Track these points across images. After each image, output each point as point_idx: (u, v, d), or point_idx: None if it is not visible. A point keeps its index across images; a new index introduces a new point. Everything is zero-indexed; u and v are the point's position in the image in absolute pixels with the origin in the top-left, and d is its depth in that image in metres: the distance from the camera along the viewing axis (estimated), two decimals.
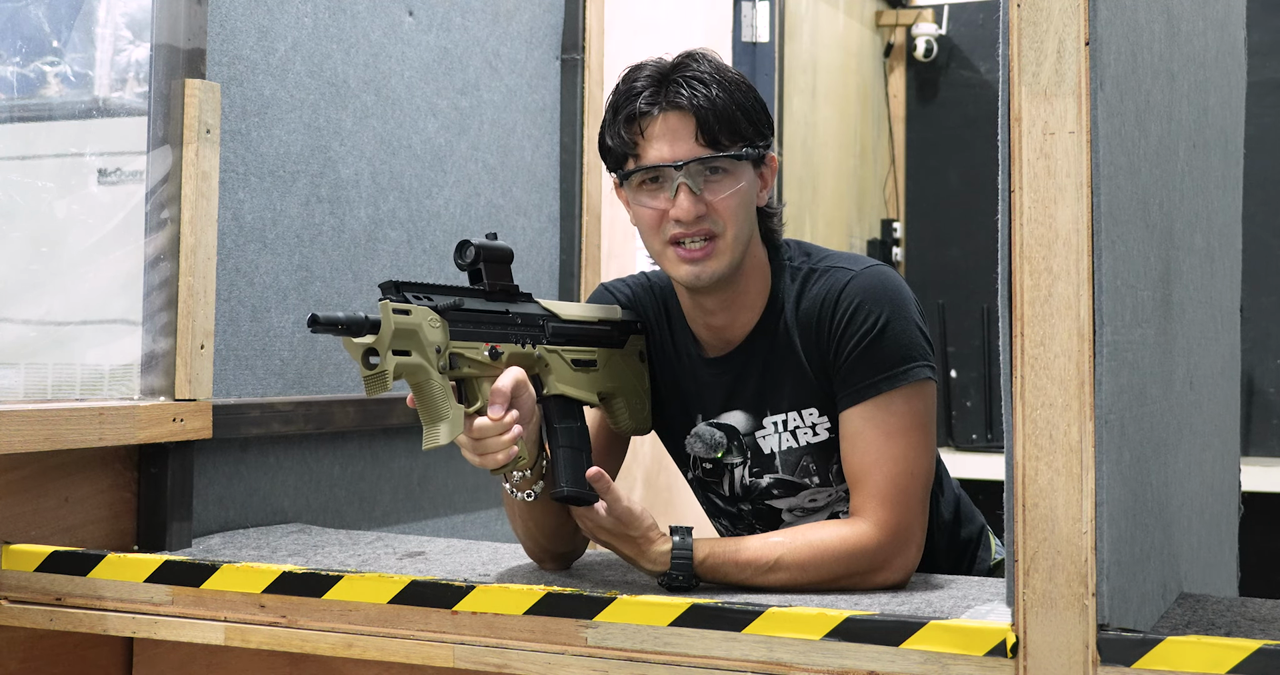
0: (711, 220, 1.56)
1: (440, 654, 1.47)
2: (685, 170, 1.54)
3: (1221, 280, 1.81)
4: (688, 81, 1.55)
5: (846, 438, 1.58)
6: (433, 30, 2.41)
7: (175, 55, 1.85)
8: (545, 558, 1.63)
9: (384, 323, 1.35)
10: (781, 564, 1.49)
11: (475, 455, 1.45)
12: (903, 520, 1.53)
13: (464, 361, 1.45)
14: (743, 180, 1.57)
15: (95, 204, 1.90)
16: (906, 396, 1.56)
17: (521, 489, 1.53)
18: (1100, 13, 1.22)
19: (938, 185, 4.91)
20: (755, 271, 1.65)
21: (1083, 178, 1.22)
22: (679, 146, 1.55)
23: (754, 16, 3.80)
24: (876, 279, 1.60)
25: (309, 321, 1.31)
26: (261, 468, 2.05)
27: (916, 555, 1.55)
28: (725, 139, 1.55)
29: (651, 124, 1.55)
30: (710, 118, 1.54)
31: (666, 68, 1.58)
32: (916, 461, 1.55)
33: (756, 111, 1.59)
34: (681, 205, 1.54)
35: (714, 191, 1.56)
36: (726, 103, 1.55)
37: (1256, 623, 1.33)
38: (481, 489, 2.57)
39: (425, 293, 1.43)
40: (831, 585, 1.51)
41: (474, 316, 1.48)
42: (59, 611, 1.65)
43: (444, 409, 1.40)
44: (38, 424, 1.62)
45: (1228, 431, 1.90)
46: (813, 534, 1.52)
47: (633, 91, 1.57)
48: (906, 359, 1.56)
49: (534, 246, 2.71)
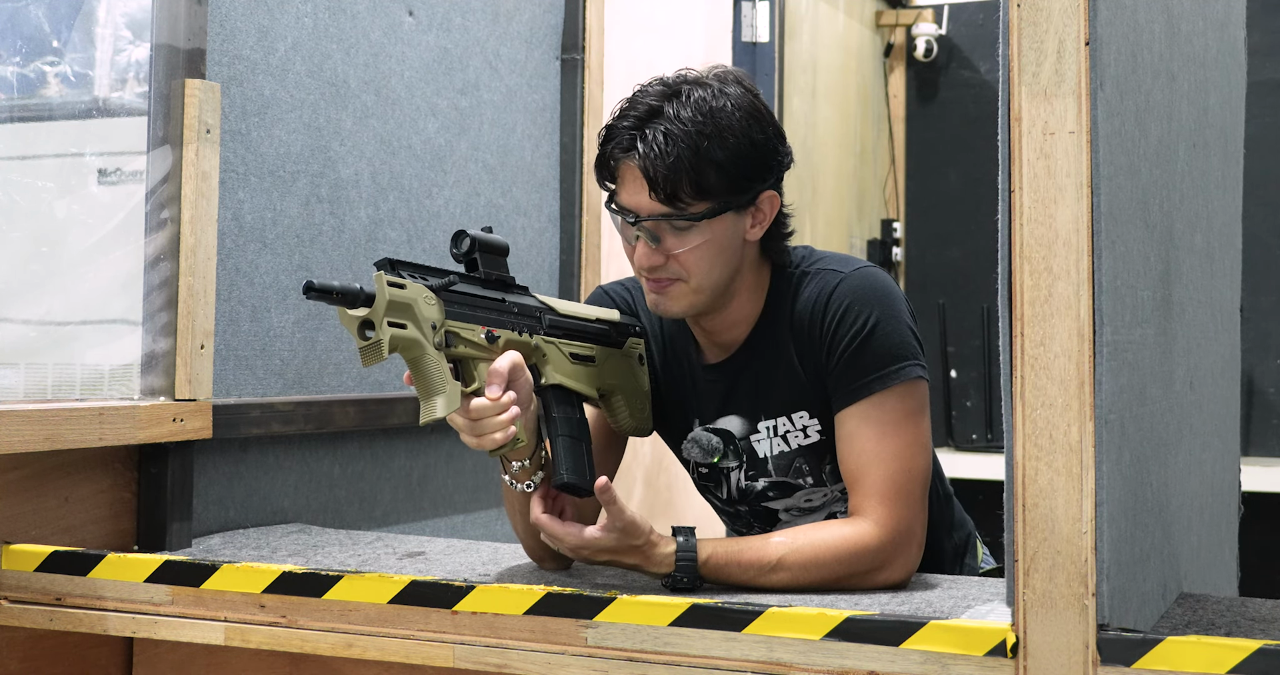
0: (672, 269, 1.55)
1: (440, 654, 1.47)
2: (640, 225, 1.53)
3: (1221, 280, 1.81)
4: (654, 135, 1.50)
5: (842, 439, 1.58)
6: (433, 30, 2.41)
7: (175, 55, 1.85)
8: (545, 557, 1.63)
9: (379, 294, 1.36)
10: (784, 564, 1.49)
11: (473, 436, 1.44)
12: (903, 518, 1.53)
13: (460, 341, 1.45)
14: (710, 233, 1.54)
15: (95, 204, 1.90)
16: (899, 395, 1.56)
17: (520, 480, 1.53)
18: (1100, 13, 1.22)
19: (938, 185, 4.91)
20: (745, 291, 1.63)
21: (1083, 178, 1.22)
22: (639, 197, 1.53)
23: (754, 16, 3.80)
24: (865, 280, 1.60)
25: (304, 288, 1.31)
26: (261, 468, 2.05)
27: (918, 554, 1.55)
28: (686, 196, 1.50)
29: (620, 166, 1.55)
30: (660, 179, 1.49)
31: (654, 106, 1.52)
32: (913, 459, 1.55)
33: (740, 162, 1.51)
34: (639, 253, 1.55)
35: (677, 243, 1.54)
36: (691, 160, 1.48)
37: (1256, 623, 1.33)
38: (481, 489, 2.57)
39: (419, 272, 1.44)
40: (833, 585, 1.50)
41: (470, 299, 1.47)
42: (59, 611, 1.65)
43: (440, 383, 1.40)
44: (38, 424, 1.62)
45: (1228, 431, 1.90)
46: (815, 534, 1.52)
47: (616, 129, 1.54)
48: (898, 358, 1.56)
49: (534, 246, 2.71)
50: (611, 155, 1.55)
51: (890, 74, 4.99)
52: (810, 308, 1.60)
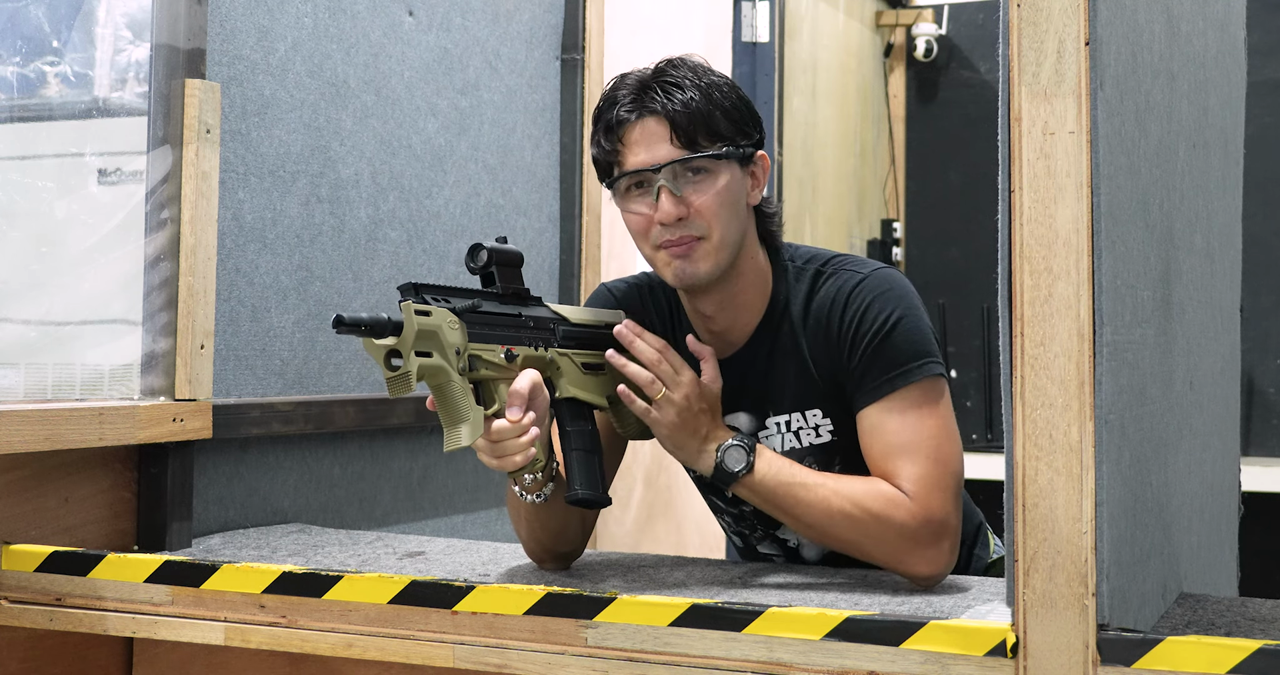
0: (694, 224, 1.56)
1: (440, 654, 1.47)
2: (664, 172, 1.55)
3: (1221, 280, 1.81)
4: (663, 87, 1.56)
5: (866, 434, 1.57)
6: (433, 30, 2.41)
7: (175, 55, 1.85)
8: (546, 558, 1.63)
9: (406, 324, 1.35)
10: (824, 482, 1.52)
11: (493, 458, 1.45)
12: (937, 507, 1.50)
13: (481, 364, 1.45)
14: (723, 180, 1.57)
15: (95, 204, 1.90)
16: (924, 389, 1.55)
17: (532, 492, 1.53)
18: (1100, 13, 1.22)
19: (938, 185, 4.91)
20: (753, 273, 1.65)
21: (1083, 178, 1.22)
22: (657, 150, 1.55)
23: (754, 16, 3.80)
24: (886, 280, 1.61)
25: (334, 322, 1.31)
26: (261, 468, 2.05)
27: (951, 552, 1.52)
28: (703, 139, 1.55)
29: (630, 130, 1.57)
30: (684, 120, 1.54)
31: (646, 76, 1.59)
32: (941, 449, 1.53)
33: (738, 111, 1.59)
34: (663, 207, 1.55)
35: (695, 192, 1.56)
36: (702, 104, 1.55)
37: (1256, 623, 1.33)
38: (481, 489, 2.57)
39: (442, 295, 1.44)
40: (862, 539, 1.50)
41: (490, 319, 1.48)
42: (59, 611, 1.65)
43: (465, 410, 1.40)
44: (38, 424, 1.62)
45: (1228, 431, 1.90)
46: (859, 486, 1.51)
47: (613, 101, 1.59)
48: (920, 355, 1.56)
49: (534, 246, 2.71)
50: (618, 120, 1.57)
51: (890, 74, 4.99)
52: (829, 305, 1.61)
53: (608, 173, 1.61)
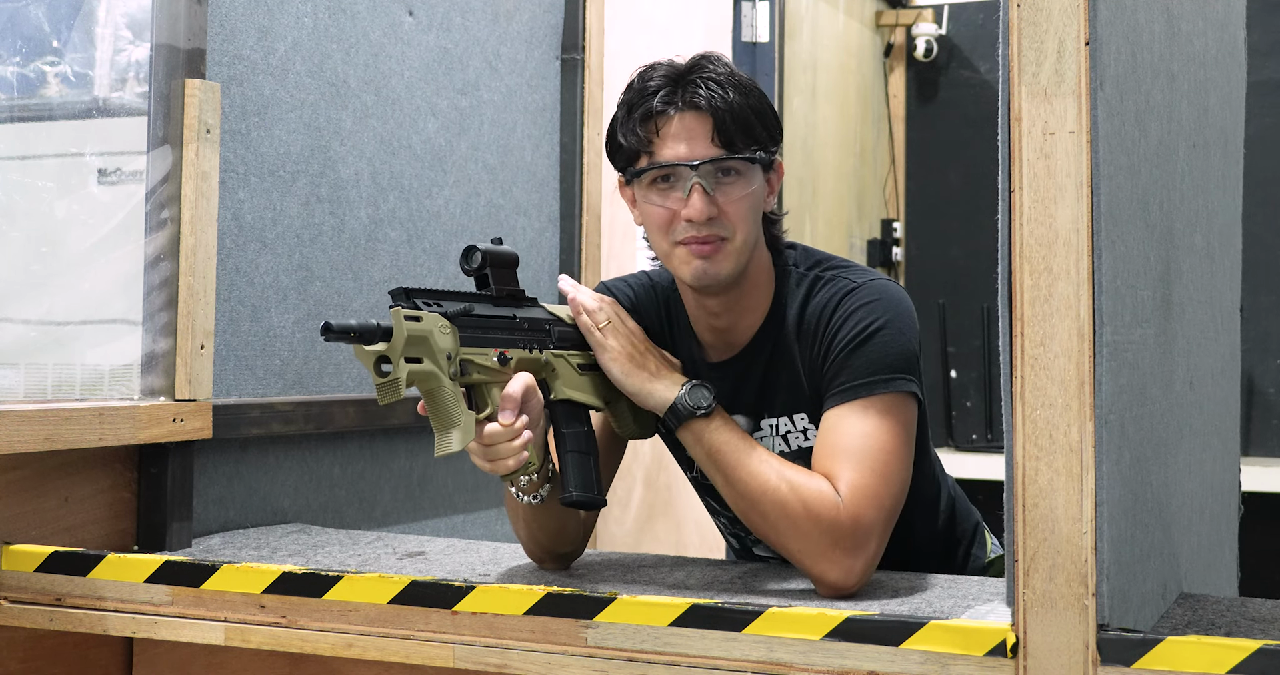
0: (722, 225, 1.55)
1: (440, 654, 1.47)
2: (700, 170, 1.54)
3: (1221, 280, 1.81)
4: (705, 82, 1.55)
5: (820, 432, 1.55)
6: (433, 30, 2.41)
7: (175, 55, 1.85)
8: (546, 558, 1.63)
9: (396, 330, 1.35)
10: (766, 458, 1.50)
11: (486, 461, 1.44)
12: (864, 516, 1.46)
13: (474, 367, 1.45)
14: (754, 184, 1.57)
15: (95, 204, 1.90)
16: (888, 404, 1.52)
17: (528, 493, 1.53)
18: (1100, 13, 1.22)
19: (938, 185, 4.91)
20: (760, 276, 1.64)
21: (1083, 178, 1.22)
22: (695, 146, 1.54)
23: (754, 16, 3.80)
24: (878, 291, 1.59)
25: (322, 330, 1.30)
26: (261, 468, 2.05)
27: (865, 572, 1.46)
28: (740, 141, 1.55)
29: (668, 123, 1.55)
30: (727, 119, 1.53)
31: (682, 68, 1.58)
32: (889, 464, 1.50)
33: (768, 115, 1.59)
34: (694, 205, 1.54)
35: (726, 194, 1.55)
36: (742, 105, 1.55)
37: (1256, 623, 1.33)
38: (481, 489, 2.57)
39: (435, 299, 1.43)
40: (783, 524, 1.47)
41: (483, 322, 1.47)
42: (59, 611, 1.65)
43: (456, 415, 1.40)
44: (38, 424, 1.63)
45: (1228, 431, 1.90)
46: (801, 476, 1.48)
47: (648, 90, 1.56)
48: (892, 368, 1.53)
49: (534, 246, 2.71)
50: (656, 110, 1.55)
51: (890, 74, 4.99)
52: (820, 310, 1.60)
53: (632, 161, 1.59)
